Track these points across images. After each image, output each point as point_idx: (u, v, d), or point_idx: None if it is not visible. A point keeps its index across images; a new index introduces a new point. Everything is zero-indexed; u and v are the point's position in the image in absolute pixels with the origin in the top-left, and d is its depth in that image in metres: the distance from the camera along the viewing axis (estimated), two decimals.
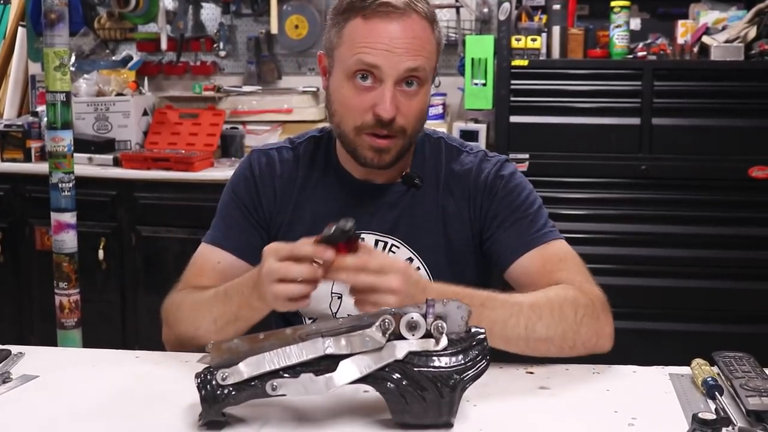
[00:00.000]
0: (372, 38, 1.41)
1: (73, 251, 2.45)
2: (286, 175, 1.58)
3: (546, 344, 1.33)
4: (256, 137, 3.79)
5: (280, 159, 1.60)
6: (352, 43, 1.43)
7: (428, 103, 1.51)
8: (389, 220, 1.54)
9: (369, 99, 1.42)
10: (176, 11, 3.93)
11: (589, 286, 1.42)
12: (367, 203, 1.54)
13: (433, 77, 1.51)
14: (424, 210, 1.54)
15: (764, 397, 1.13)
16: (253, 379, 1.10)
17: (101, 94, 3.76)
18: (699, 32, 3.24)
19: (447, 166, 1.57)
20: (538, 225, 1.51)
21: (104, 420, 1.17)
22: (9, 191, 3.54)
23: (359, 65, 1.41)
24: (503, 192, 1.53)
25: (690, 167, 3.15)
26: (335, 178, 1.57)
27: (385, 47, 1.40)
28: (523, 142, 3.21)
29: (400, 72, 1.41)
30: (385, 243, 1.53)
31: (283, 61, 4.00)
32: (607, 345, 1.38)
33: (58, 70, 2.37)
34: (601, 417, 1.17)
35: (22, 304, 3.57)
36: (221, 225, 1.58)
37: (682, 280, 3.15)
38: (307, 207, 1.56)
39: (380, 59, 1.40)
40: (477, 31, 3.71)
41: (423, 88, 1.46)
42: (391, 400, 1.10)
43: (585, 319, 1.34)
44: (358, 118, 1.44)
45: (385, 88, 1.41)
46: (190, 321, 1.42)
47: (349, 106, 1.44)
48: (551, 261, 1.46)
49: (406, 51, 1.40)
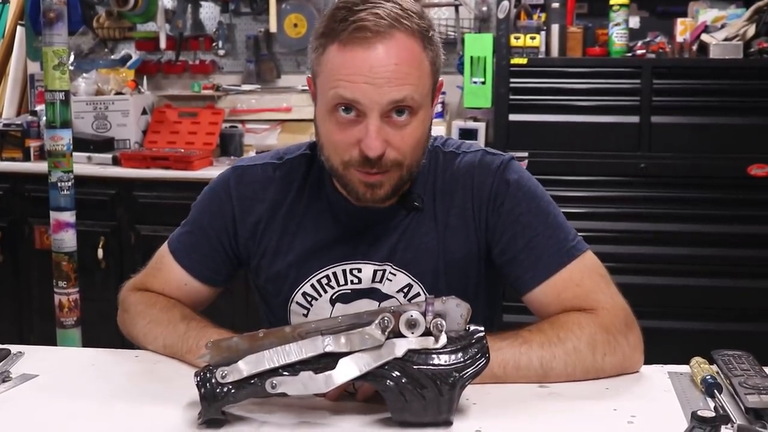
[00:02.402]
0: (349, 69, 1.26)
1: (73, 250, 2.45)
2: (271, 197, 1.45)
3: (568, 379, 1.27)
4: (255, 136, 3.80)
5: (264, 178, 1.46)
6: (329, 74, 1.28)
7: (427, 128, 1.35)
8: (386, 247, 1.41)
9: (353, 134, 1.28)
10: (175, 10, 3.93)
11: (611, 306, 1.34)
12: (363, 231, 1.42)
13: (434, 97, 1.36)
14: (423, 231, 1.42)
15: (763, 395, 1.13)
16: (252, 377, 1.10)
17: (100, 93, 3.76)
18: (698, 30, 3.24)
19: (443, 176, 1.43)
20: (555, 243, 1.37)
21: (104, 419, 1.17)
22: (8, 190, 3.54)
23: (338, 100, 1.27)
24: (510, 204, 1.39)
25: (689, 165, 3.15)
26: (328, 204, 1.44)
27: (364, 79, 1.25)
28: (522, 141, 3.21)
29: (383, 105, 1.26)
30: (383, 271, 1.42)
31: (282, 59, 4.00)
32: (637, 366, 1.33)
33: (57, 69, 2.37)
34: (600, 415, 1.17)
35: (21, 303, 3.57)
36: (188, 243, 1.50)
37: (681, 279, 3.16)
38: (297, 235, 1.44)
39: (359, 94, 1.25)
40: (476, 29, 3.72)
41: (416, 116, 1.30)
42: (391, 398, 1.10)
43: (606, 358, 1.29)
44: (344, 154, 1.30)
45: (369, 123, 1.26)
46: (143, 335, 1.45)
47: (334, 142, 1.31)
48: (568, 288, 1.35)
49: (388, 81, 1.25)
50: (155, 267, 1.53)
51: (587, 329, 1.29)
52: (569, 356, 1.27)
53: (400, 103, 1.27)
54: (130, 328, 1.48)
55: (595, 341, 1.28)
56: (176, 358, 1.37)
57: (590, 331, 1.29)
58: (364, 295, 1.43)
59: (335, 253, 1.43)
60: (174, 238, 1.53)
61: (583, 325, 1.30)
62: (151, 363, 1.39)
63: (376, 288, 1.43)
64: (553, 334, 1.28)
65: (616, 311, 1.34)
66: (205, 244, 1.49)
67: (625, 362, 1.31)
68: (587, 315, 1.32)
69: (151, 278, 1.52)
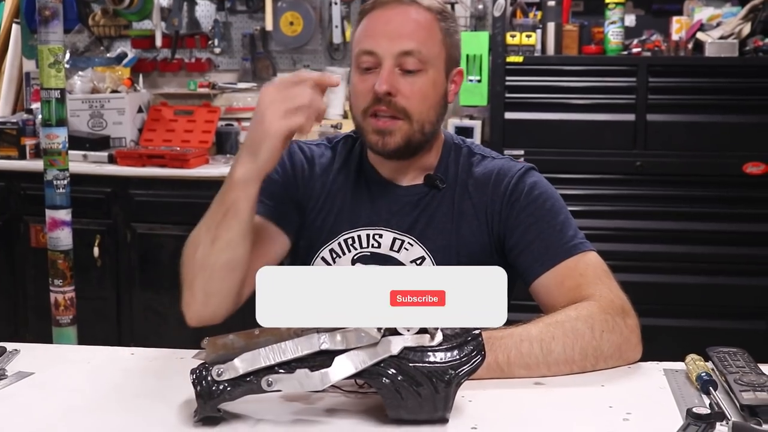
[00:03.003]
0: (371, 28, 1.51)
1: (68, 248, 2.45)
2: (325, 166, 1.63)
3: (567, 365, 1.30)
4: None
5: (319, 154, 1.65)
6: (357, 38, 1.53)
7: (439, 94, 1.53)
8: (408, 220, 1.57)
9: (371, 81, 1.49)
10: (171, 8, 3.92)
11: (609, 294, 1.39)
12: (389, 202, 1.58)
13: (448, 69, 1.54)
14: (442, 211, 1.57)
15: (758, 392, 1.14)
16: (248, 374, 1.10)
17: (96, 91, 3.75)
18: (693, 29, 3.24)
19: (469, 171, 1.59)
20: (563, 237, 1.49)
21: (99, 417, 1.17)
22: (4, 188, 3.54)
23: (360, 54, 1.50)
24: (526, 200, 1.54)
25: (684, 163, 3.16)
26: (363, 176, 1.62)
27: (380, 33, 1.49)
28: (518, 139, 3.22)
29: (395, 53, 1.47)
30: (402, 241, 1.56)
31: (278, 57, 4.00)
32: (635, 355, 1.36)
33: (52, 67, 2.37)
34: (595, 412, 1.18)
35: (17, 301, 3.57)
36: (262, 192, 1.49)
37: (676, 276, 3.17)
38: (336, 199, 1.60)
39: (374, 44, 1.49)
40: (472, 27, 3.72)
41: (425, 74, 1.49)
42: (387, 395, 1.10)
43: (605, 335, 1.32)
44: (363, 101, 1.50)
45: (382, 68, 1.48)
46: (192, 245, 1.42)
47: (356, 92, 1.52)
48: (571, 277, 1.44)
49: (400, 35, 1.48)
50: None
51: (585, 311, 1.34)
52: (567, 336, 1.30)
53: (409, 55, 1.47)
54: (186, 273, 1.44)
55: (593, 320, 1.33)
56: (223, 216, 1.37)
57: (588, 311, 1.34)
58: (382, 260, 1.56)
59: (363, 218, 1.59)
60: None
61: (581, 307, 1.35)
62: (146, 360, 1.39)
63: (393, 256, 1.56)
64: (551, 320, 1.33)
65: (614, 299, 1.39)
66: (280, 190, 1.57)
67: (623, 343, 1.34)
68: (585, 301, 1.38)
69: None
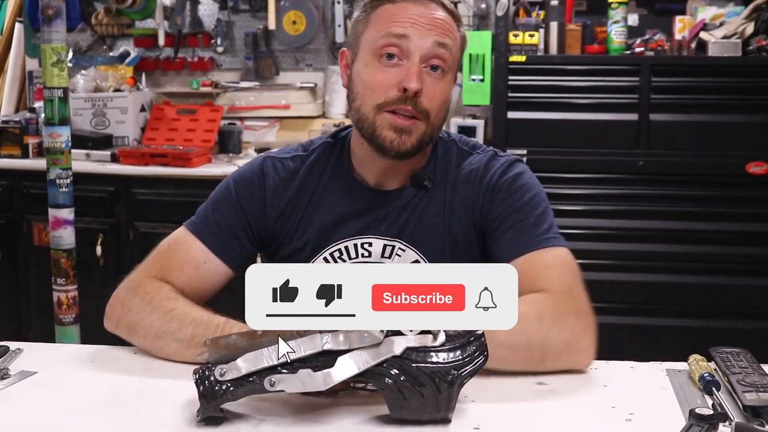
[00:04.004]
0: (401, 15, 1.42)
1: (71, 247, 2.45)
2: (299, 183, 1.55)
3: (512, 353, 1.25)
4: (253, 133, 3.80)
5: (294, 169, 1.56)
6: (380, 22, 1.44)
7: (450, 98, 1.50)
8: (398, 224, 1.51)
9: (395, 75, 1.41)
10: (173, 7, 3.92)
11: (567, 290, 1.35)
12: (377, 208, 1.52)
13: (455, 76, 1.50)
14: (431, 211, 1.52)
15: (761, 393, 1.14)
16: (251, 374, 1.10)
17: (99, 90, 3.76)
18: (696, 28, 3.24)
19: (456, 168, 1.54)
20: (536, 230, 1.44)
21: (102, 416, 1.17)
22: (6, 187, 3.54)
23: (388, 38, 1.42)
24: (506, 192, 1.49)
25: (687, 163, 3.15)
26: (346, 184, 1.54)
27: (412, 22, 1.42)
28: (521, 138, 3.21)
29: (428, 45, 1.41)
30: (392, 247, 1.51)
31: (280, 56, 4.00)
32: (585, 360, 1.31)
33: (55, 66, 2.37)
34: (598, 412, 1.17)
35: (19, 300, 3.57)
36: (212, 221, 1.52)
37: (679, 276, 3.16)
38: (317, 212, 1.54)
39: (409, 30, 1.41)
40: (474, 27, 3.71)
41: (447, 76, 1.45)
42: (389, 395, 1.10)
43: (553, 330, 1.28)
44: (381, 95, 1.42)
45: (412, 63, 1.41)
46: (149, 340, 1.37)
47: (374, 83, 1.43)
48: (533, 268, 1.38)
49: (434, 27, 1.42)
50: (170, 250, 1.51)
51: (538, 303, 1.31)
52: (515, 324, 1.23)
53: (440, 50, 1.42)
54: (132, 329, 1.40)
55: (544, 312, 1.29)
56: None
57: (540, 304, 1.31)
58: None
59: (349, 228, 1.52)
60: (192, 221, 1.54)
61: (535, 299, 1.31)
62: (149, 360, 1.39)
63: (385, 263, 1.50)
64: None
65: (571, 297, 1.34)
66: (231, 222, 1.52)
67: (573, 342, 1.29)
68: (540, 293, 1.34)
69: (166, 262, 1.48)
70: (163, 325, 1.36)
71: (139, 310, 1.40)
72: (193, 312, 1.37)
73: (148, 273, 1.47)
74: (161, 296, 1.40)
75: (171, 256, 1.50)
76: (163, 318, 1.36)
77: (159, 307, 1.38)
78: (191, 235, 1.51)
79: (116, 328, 1.44)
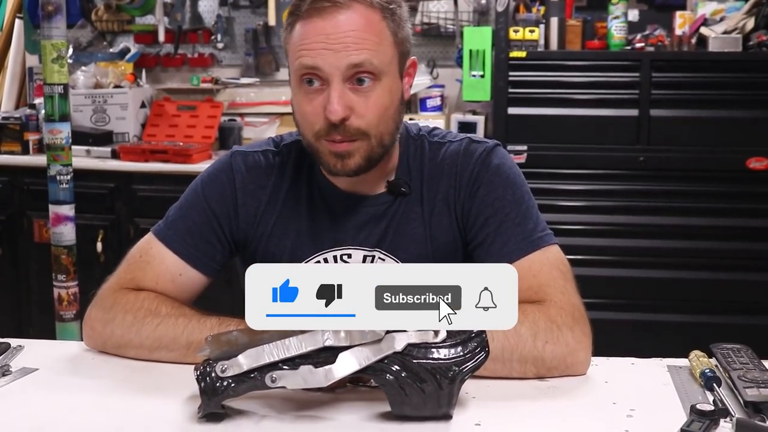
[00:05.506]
0: (308, 39, 1.33)
1: (72, 243, 2.46)
2: (272, 182, 1.48)
3: (505, 367, 1.24)
4: (254, 129, 3.80)
5: (266, 165, 1.49)
6: (293, 48, 1.36)
7: (396, 100, 1.39)
8: (376, 234, 1.45)
9: (319, 102, 1.33)
10: (174, 3, 3.92)
11: (560, 299, 1.32)
12: (353, 216, 1.45)
13: (404, 72, 1.41)
14: (411, 217, 1.45)
15: (762, 388, 1.14)
16: (252, 371, 1.10)
17: (99, 86, 3.75)
18: (697, 23, 3.24)
19: (431, 162, 1.46)
20: (522, 232, 1.39)
21: (103, 412, 1.17)
22: (7, 184, 3.54)
23: (301, 70, 1.34)
24: (487, 188, 1.42)
25: (688, 158, 3.15)
26: (319, 191, 1.47)
27: (321, 46, 1.31)
28: (521, 134, 3.21)
29: (343, 69, 1.31)
30: (373, 257, 1.45)
31: (280, 52, 3.99)
32: (581, 369, 1.28)
33: (55, 63, 2.37)
34: (599, 409, 1.18)
35: (20, 296, 3.57)
36: (182, 229, 1.45)
37: (680, 272, 3.16)
38: (291, 220, 1.47)
39: (318, 59, 1.31)
40: (475, 22, 3.71)
41: (379, 84, 1.34)
42: (390, 392, 1.10)
43: (547, 346, 1.25)
44: (313, 125, 1.35)
45: (331, 88, 1.32)
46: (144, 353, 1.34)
47: (303, 114, 1.37)
48: (523, 278, 1.25)
49: (345, 47, 1.31)
50: (143, 261, 1.44)
51: (531, 316, 1.27)
52: (508, 339, 1.23)
53: (359, 67, 1.32)
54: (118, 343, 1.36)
55: (537, 327, 1.26)
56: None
57: (533, 317, 1.27)
58: None
59: (327, 239, 1.46)
60: (162, 228, 1.46)
61: (528, 312, 1.27)
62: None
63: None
64: None
65: (564, 305, 1.31)
66: (202, 228, 1.45)
67: (567, 356, 1.27)
68: (533, 304, 1.30)
69: (139, 274, 1.42)
70: (155, 342, 1.33)
71: (124, 331, 1.35)
72: (182, 319, 1.32)
73: (121, 285, 1.42)
74: (144, 311, 1.35)
75: (144, 267, 1.43)
76: (153, 334, 1.33)
77: (146, 323, 1.34)
78: (162, 245, 1.44)
79: (102, 347, 1.38)
